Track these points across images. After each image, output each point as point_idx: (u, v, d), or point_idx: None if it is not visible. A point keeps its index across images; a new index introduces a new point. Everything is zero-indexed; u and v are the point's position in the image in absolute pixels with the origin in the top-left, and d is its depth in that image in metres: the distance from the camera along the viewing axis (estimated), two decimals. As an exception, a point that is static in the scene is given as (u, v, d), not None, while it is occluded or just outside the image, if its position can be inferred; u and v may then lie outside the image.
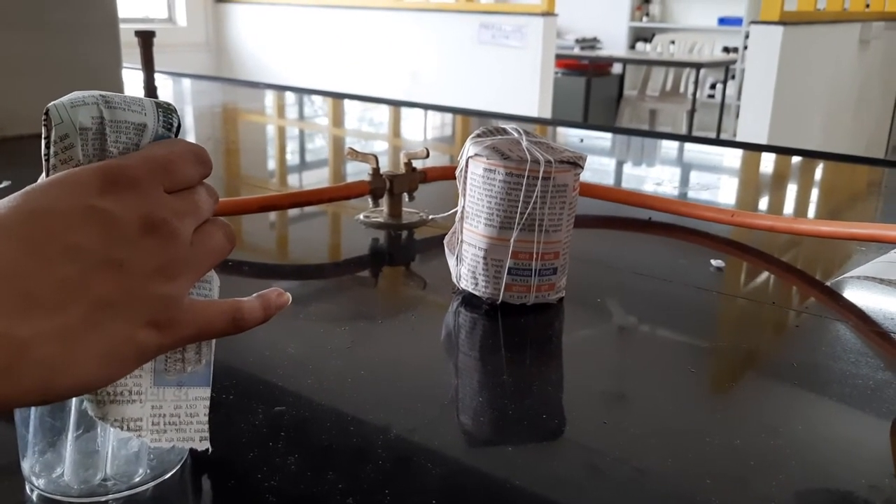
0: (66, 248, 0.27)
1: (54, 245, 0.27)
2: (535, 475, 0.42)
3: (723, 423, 0.48)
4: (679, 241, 0.87)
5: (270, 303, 0.35)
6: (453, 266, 0.66)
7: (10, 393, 0.25)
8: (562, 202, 0.60)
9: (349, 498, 0.38)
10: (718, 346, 0.61)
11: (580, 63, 5.94)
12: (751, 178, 1.36)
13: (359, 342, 0.59)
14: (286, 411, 0.47)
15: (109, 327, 0.28)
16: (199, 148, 0.33)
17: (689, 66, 5.67)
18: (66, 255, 0.27)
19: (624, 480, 0.41)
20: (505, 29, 4.36)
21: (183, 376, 0.34)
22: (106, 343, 0.27)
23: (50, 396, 0.27)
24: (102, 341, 0.27)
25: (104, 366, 0.28)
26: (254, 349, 0.54)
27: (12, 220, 0.27)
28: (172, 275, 0.30)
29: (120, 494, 0.37)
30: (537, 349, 0.60)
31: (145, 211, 0.29)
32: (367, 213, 0.87)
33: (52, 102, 0.32)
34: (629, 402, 0.51)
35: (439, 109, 1.89)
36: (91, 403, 0.31)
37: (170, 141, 0.33)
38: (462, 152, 0.63)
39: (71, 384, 0.27)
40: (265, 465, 0.40)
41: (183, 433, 0.34)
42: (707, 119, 5.99)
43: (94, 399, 0.31)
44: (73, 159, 0.32)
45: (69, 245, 0.27)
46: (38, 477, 0.37)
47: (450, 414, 0.49)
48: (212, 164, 0.33)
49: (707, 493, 0.40)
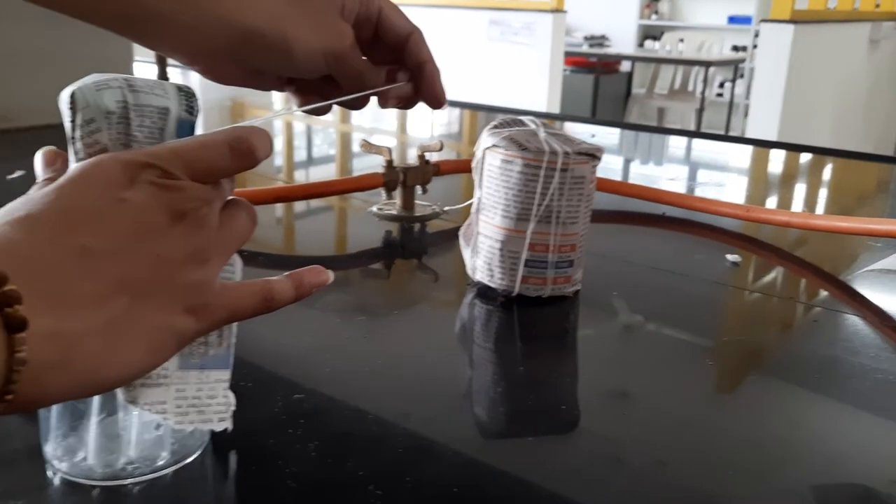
0: (103, 243, 0.27)
1: (90, 241, 0.27)
2: (556, 466, 0.42)
3: (743, 416, 0.48)
4: (694, 236, 0.87)
5: (303, 281, 0.35)
6: (468, 258, 0.66)
7: (65, 386, 0.26)
8: (579, 194, 0.60)
9: (370, 485, 0.38)
10: (736, 340, 0.61)
11: (589, 61, 5.93)
12: (761, 174, 1.36)
13: (375, 333, 0.59)
14: (305, 399, 0.46)
15: (150, 317, 0.28)
16: (241, 140, 0.32)
17: (697, 64, 5.66)
18: (103, 250, 0.27)
19: (645, 472, 0.41)
20: (514, 26, 4.35)
21: (205, 359, 0.34)
22: (148, 333, 0.28)
23: (100, 388, 0.27)
24: (145, 331, 0.28)
25: (148, 354, 0.28)
26: (271, 338, 0.54)
27: (48, 219, 0.27)
28: (203, 260, 0.30)
29: (143, 478, 0.37)
30: (554, 341, 0.59)
31: (174, 201, 0.29)
32: (380, 206, 0.87)
33: (76, 85, 0.32)
34: (648, 394, 0.50)
35: (449, 105, 1.88)
36: (122, 388, 0.31)
37: (208, 134, 0.33)
38: (478, 143, 0.63)
39: (119, 375, 0.27)
40: (285, 451, 0.40)
41: (203, 415, 0.34)
42: (715, 118, 5.98)
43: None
44: (98, 143, 0.32)
45: (105, 239, 0.27)
46: (61, 460, 0.37)
47: (468, 404, 0.49)
48: (255, 155, 0.32)
49: (729, 486, 0.40)
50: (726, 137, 2.04)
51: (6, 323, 0.23)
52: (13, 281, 0.23)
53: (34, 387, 0.24)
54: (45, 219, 0.27)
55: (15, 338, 0.23)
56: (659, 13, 6.99)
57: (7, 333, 0.23)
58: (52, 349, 0.25)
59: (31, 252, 0.25)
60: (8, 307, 0.23)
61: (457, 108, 1.86)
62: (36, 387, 0.24)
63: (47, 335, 0.24)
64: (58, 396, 0.26)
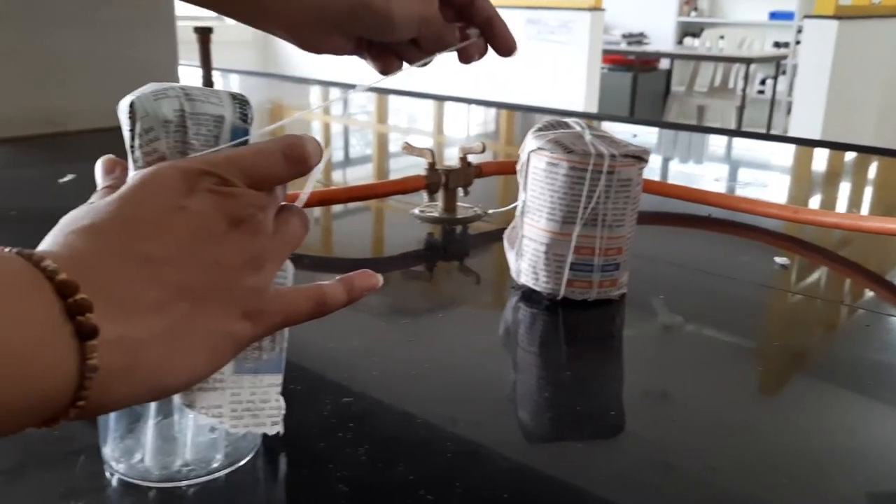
0: (164, 251, 0.27)
1: (153, 249, 0.27)
2: (606, 471, 0.41)
3: (793, 421, 0.47)
4: (740, 237, 0.85)
5: (353, 285, 0.35)
6: (513, 261, 0.65)
7: (131, 392, 0.26)
8: (625, 197, 0.59)
9: (420, 489, 0.38)
10: (787, 344, 0.60)
11: (627, 59, 5.87)
12: (804, 174, 1.33)
13: (420, 336, 0.59)
14: (353, 403, 0.47)
15: (209, 323, 0.28)
16: (295, 147, 0.32)
17: (738, 61, 5.57)
18: (165, 258, 0.27)
19: (697, 479, 0.41)
20: (551, 24, 4.33)
21: (259, 364, 0.34)
22: (207, 338, 0.28)
23: (163, 392, 0.28)
24: (204, 337, 0.28)
25: (207, 359, 0.29)
26: (319, 342, 0.54)
27: (112, 228, 0.27)
28: (259, 266, 0.30)
29: (198, 480, 0.37)
30: (600, 345, 0.59)
31: (231, 208, 0.30)
32: (421, 208, 0.87)
33: (135, 95, 0.33)
34: (695, 399, 0.50)
35: (485, 104, 1.88)
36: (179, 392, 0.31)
37: (262, 142, 0.33)
38: (523, 146, 0.62)
39: (180, 379, 0.28)
40: (336, 455, 0.41)
41: (257, 419, 0.34)
42: (757, 115, 5.88)
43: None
44: (156, 151, 0.33)
45: (166, 247, 0.28)
46: (118, 462, 0.38)
47: (514, 408, 0.49)
48: (308, 162, 0.33)
49: (781, 493, 0.39)
50: (768, 136, 2.00)
51: (78, 331, 0.24)
52: (83, 290, 0.24)
53: (103, 393, 0.25)
54: (109, 228, 0.27)
55: (87, 345, 0.24)
56: (698, 10, 6.90)
57: (79, 341, 0.24)
58: (120, 356, 0.25)
59: (98, 261, 0.26)
60: (80, 315, 0.24)
61: (493, 108, 1.86)
62: (104, 393, 0.25)
63: (115, 342, 0.25)
64: (124, 402, 0.27)
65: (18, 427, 0.24)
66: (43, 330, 0.23)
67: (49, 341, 0.23)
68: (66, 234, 0.27)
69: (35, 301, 0.23)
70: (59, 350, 0.23)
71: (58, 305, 0.24)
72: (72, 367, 0.24)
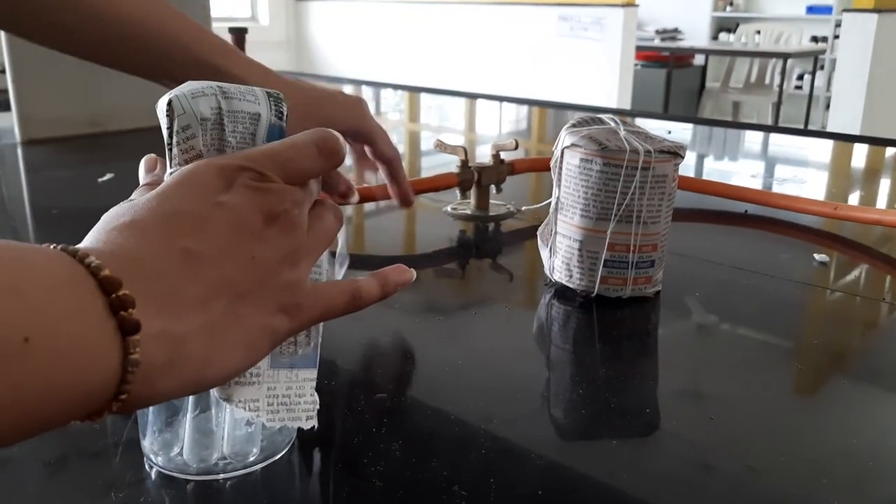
0: (204, 246, 0.28)
1: (193, 244, 0.28)
2: (643, 470, 0.41)
3: (837, 422, 0.47)
4: (778, 234, 0.84)
5: (388, 280, 0.35)
6: (546, 258, 0.65)
7: (171, 386, 0.27)
8: (661, 193, 0.59)
9: (454, 486, 0.38)
10: (828, 343, 0.59)
11: (661, 55, 5.81)
12: (843, 170, 1.31)
13: (453, 333, 0.59)
14: (387, 398, 0.47)
15: (248, 318, 0.29)
16: (327, 139, 0.33)
17: (775, 56, 5.48)
18: (204, 253, 0.28)
19: (736, 479, 0.40)
20: (584, 21, 4.30)
21: (294, 358, 0.35)
22: (246, 333, 0.29)
23: (203, 386, 0.28)
24: (243, 331, 0.29)
25: (246, 354, 0.29)
26: (353, 338, 0.55)
27: (152, 224, 0.28)
28: (295, 262, 0.31)
29: (234, 473, 0.38)
30: (634, 343, 0.59)
31: (267, 204, 0.30)
32: (454, 205, 0.87)
33: (173, 93, 0.33)
34: (733, 398, 0.49)
35: (517, 102, 1.87)
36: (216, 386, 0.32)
37: (296, 136, 0.33)
38: (557, 142, 0.62)
39: (220, 373, 0.28)
40: (370, 450, 0.41)
41: (292, 413, 0.35)
42: (793, 111, 5.79)
43: None
44: (194, 149, 0.33)
45: (206, 243, 0.28)
46: (157, 455, 0.38)
47: (549, 406, 0.49)
48: (340, 154, 0.33)
49: (824, 494, 0.39)
50: (805, 132, 1.97)
51: (121, 326, 0.24)
52: (125, 286, 0.24)
53: (145, 387, 0.25)
54: (150, 224, 0.28)
55: (129, 340, 0.24)
56: (734, 4, 6.80)
57: (122, 336, 0.24)
58: (162, 351, 0.26)
59: (140, 257, 0.26)
60: (123, 311, 0.24)
61: (525, 106, 1.85)
62: (146, 387, 0.25)
63: (157, 337, 0.25)
64: (165, 395, 0.27)
65: (65, 420, 0.24)
66: (88, 325, 0.24)
67: (93, 336, 0.24)
68: (107, 230, 0.27)
69: (80, 297, 0.24)
70: (103, 345, 0.24)
71: (101, 301, 0.24)
72: (115, 362, 0.24)
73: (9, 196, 0.97)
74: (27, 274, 0.23)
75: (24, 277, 0.23)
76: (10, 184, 1.03)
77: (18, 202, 0.95)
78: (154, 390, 0.26)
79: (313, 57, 5.76)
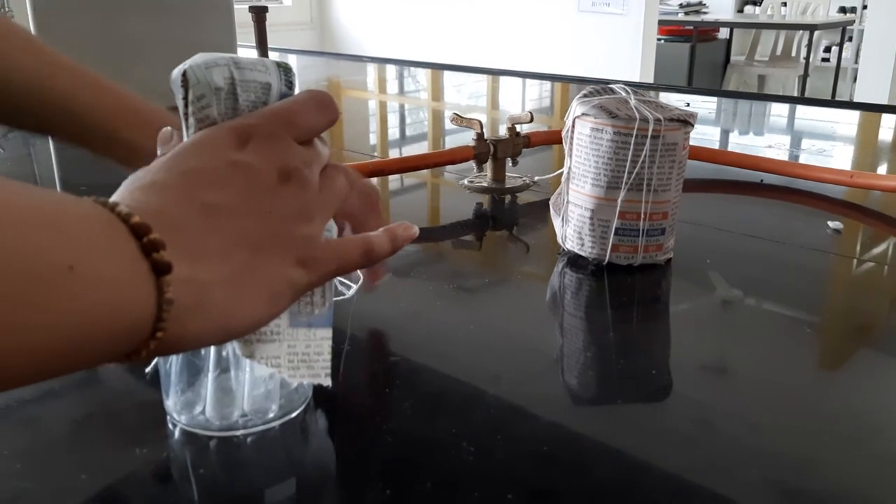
0: (223, 199, 0.29)
1: (213, 197, 0.29)
2: (645, 427, 0.42)
3: (841, 383, 0.47)
4: (793, 203, 0.84)
5: (397, 235, 0.37)
6: (559, 227, 0.66)
7: (201, 330, 0.28)
8: (671, 161, 0.59)
9: (463, 441, 0.40)
10: (837, 307, 0.60)
11: (684, 29, 5.72)
12: (869, 140, 1.30)
13: (467, 301, 0.60)
14: (400, 362, 0.49)
15: (267, 269, 0.30)
16: (322, 95, 0.35)
17: (802, 28, 5.38)
18: (224, 206, 0.29)
19: (736, 435, 0.41)
20: (606, -5, 4.25)
21: (312, 317, 0.36)
22: (267, 284, 0.30)
23: (229, 335, 0.30)
24: (264, 282, 0.30)
25: (268, 304, 0.30)
26: (368, 303, 0.56)
27: (172, 181, 0.29)
28: (309, 217, 0.32)
29: (254, 429, 0.40)
30: (645, 309, 0.60)
31: (280, 161, 0.32)
32: (471, 178, 0.88)
33: (187, 64, 0.34)
34: (740, 360, 0.50)
35: (539, 77, 1.87)
36: (239, 343, 0.33)
37: (295, 95, 0.35)
38: (569, 112, 0.63)
39: (244, 322, 0.30)
40: (382, 409, 0.43)
41: (312, 370, 0.36)
42: (820, 84, 5.69)
43: (241, 339, 0.33)
44: (209, 118, 0.34)
45: (225, 197, 0.29)
46: (180, 413, 0.40)
47: (558, 368, 0.50)
48: (336, 110, 0.35)
49: (823, 452, 0.40)
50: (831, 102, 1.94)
51: (154, 266, 0.26)
52: (154, 232, 0.26)
53: (178, 327, 0.26)
54: (170, 182, 0.29)
55: (162, 280, 0.26)
56: (760, -24, 6.67)
57: (155, 276, 0.26)
58: (191, 294, 0.27)
59: (164, 211, 0.28)
60: (155, 251, 0.26)
61: (547, 82, 1.85)
62: (179, 327, 0.27)
63: (186, 281, 0.27)
64: (196, 339, 0.28)
65: (106, 357, 0.26)
66: (123, 265, 0.25)
67: (129, 275, 0.25)
68: (130, 191, 0.29)
69: (115, 239, 0.25)
70: (138, 283, 0.25)
71: (133, 244, 0.25)
72: (150, 300, 0.25)
73: (40, 173, 0.99)
74: (66, 214, 0.25)
75: (63, 217, 0.24)
76: (40, 162, 1.06)
77: (49, 179, 0.98)
78: (186, 331, 0.27)
79: (336, 38, 5.76)
